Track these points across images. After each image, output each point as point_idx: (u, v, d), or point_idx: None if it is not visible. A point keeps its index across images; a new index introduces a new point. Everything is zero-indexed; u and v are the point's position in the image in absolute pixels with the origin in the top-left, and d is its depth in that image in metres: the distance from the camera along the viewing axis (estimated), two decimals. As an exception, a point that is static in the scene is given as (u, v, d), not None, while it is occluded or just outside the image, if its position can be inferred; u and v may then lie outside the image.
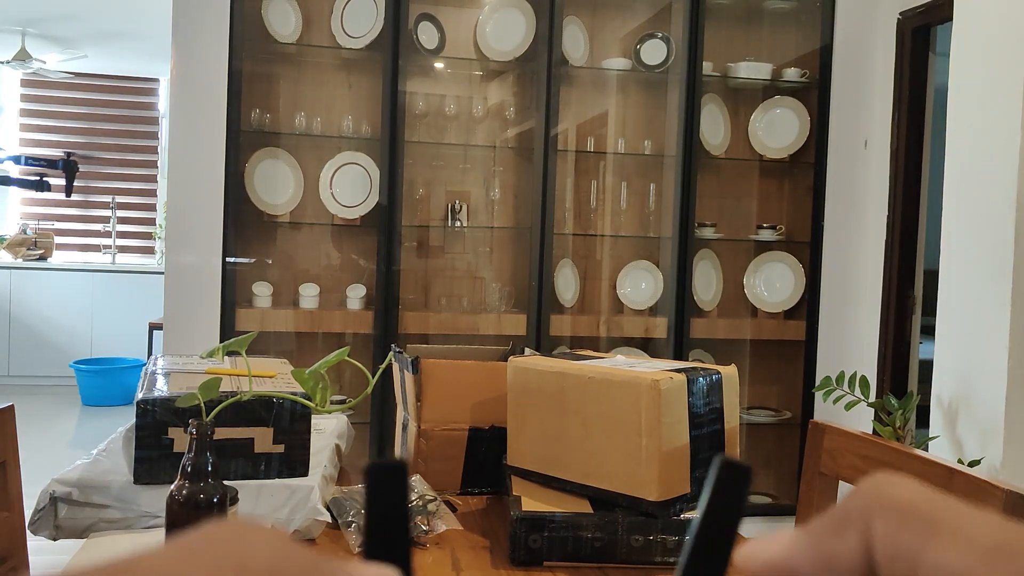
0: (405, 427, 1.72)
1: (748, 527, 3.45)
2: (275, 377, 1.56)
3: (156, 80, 7.29)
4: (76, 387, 6.23)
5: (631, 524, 1.25)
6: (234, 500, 1.16)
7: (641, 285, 3.70)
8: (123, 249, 7.24)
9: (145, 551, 0.20)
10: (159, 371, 1.59)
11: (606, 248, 3.79)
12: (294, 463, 1.42)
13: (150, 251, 7.26)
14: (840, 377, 3.08)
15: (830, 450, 1.50)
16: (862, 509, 0.25)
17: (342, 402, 3.14)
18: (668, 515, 1.25)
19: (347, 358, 1.57)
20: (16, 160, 6.67)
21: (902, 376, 3.49)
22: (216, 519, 0.23)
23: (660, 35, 3.64)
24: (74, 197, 7.26)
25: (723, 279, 3.75)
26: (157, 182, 7.32)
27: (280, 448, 1.42)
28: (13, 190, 7.09)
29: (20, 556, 1.43)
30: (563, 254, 3.65)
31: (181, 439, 1.37)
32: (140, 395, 1.40)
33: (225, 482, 1.15)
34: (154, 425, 1.37)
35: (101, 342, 6.65)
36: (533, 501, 1.31)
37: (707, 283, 3.72)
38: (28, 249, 6.74)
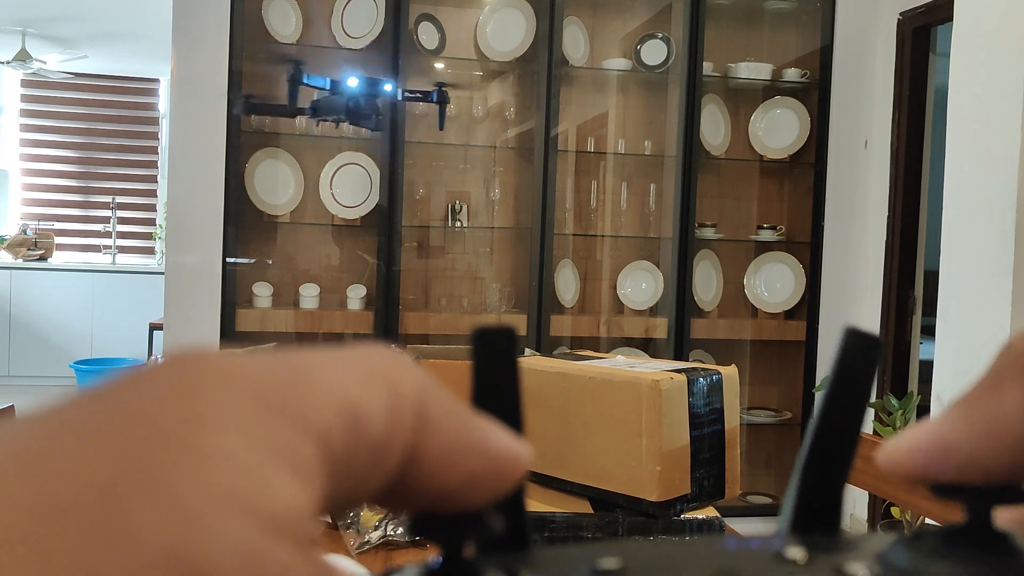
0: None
1: (748, 527, 3.43)
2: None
3: (156, 80, 7.28)
4: (76, 387, 6.22)
5: (631, 524, 1.25)
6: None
7: (641, 285, 3.70)
8: (123, 249, 7.24)
9: (294, 353, 0.18)
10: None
11: (606, 248, 3.78)
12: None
13: (150, 251, 7.25)
14: (840, 377, 3.08)
15: (830, 450, 1.50)
16: (1014, 361, 0.22)
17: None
18: (668, 515, 1.25)
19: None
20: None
21: (902, 376, 3.49)
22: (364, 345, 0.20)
23: (660, 35, 3.64)
24: (74, 197, 7.26)
25: (723, 279, 3.75)
26: (157, 182, 7.32)
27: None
28: (14, 188, 7.09)
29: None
30: (563, 254, 3.65)
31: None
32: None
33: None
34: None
35: (101, 342, 6.65)
36: (533, 501, 1.31)
37: (707, 283, 3.72)
38: (28, 249, 6.74)
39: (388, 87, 2.06)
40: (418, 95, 2.31)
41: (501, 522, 0.20)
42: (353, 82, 2.01)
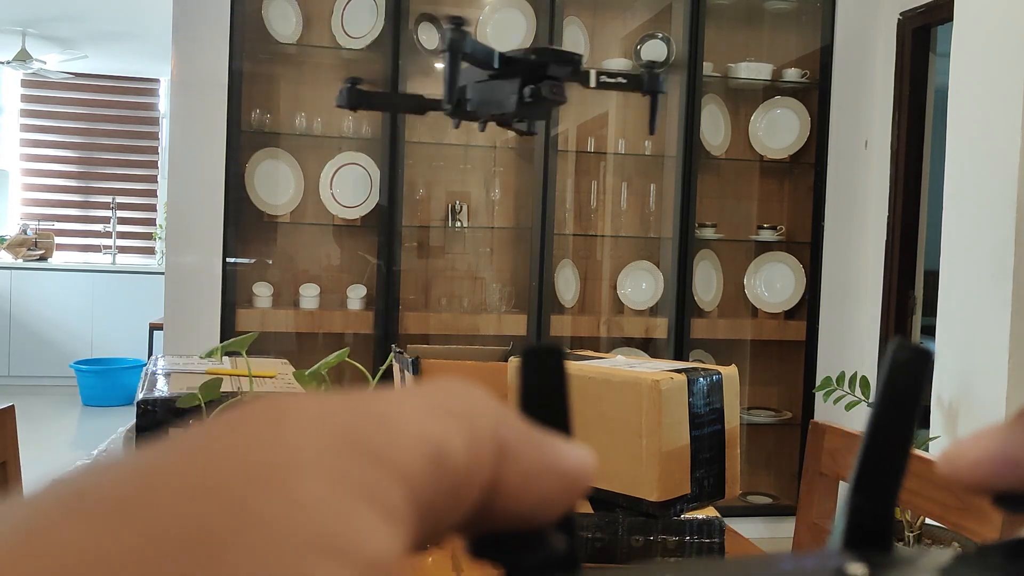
0: (405, 427, 1.71)
1: (748, 527, 3.40)
2: (275, 377, 1.56)
3: (156, 80, 7.29)
4: (76, 387, 6.23)
5: (631, 524, 1.25)
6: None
7: (641, 285, 3.70)
8: (123, 249, 7.25)
9: (374, 393, 0.19)
10: (159, 371, 1.59)
11: (606, 248, 3.79)
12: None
13: (150, 251, 7.26)
14: (840, 377, 3.08)
15: (831, 450, 1.50)
16: None
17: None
18: (668, 515, 1.25)
19: (347, 359, 1.57)
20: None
21: (902, 376, 3.48)
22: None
23: (660, 35, 3.64)
24: (74, 197, 7.26)
25: (723, 279, 3.75)
26: (157, 182, 7.32)
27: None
28: (14, 188, 7.09)
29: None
30: (563, 254, 3.65)
31: (181, 439, 1.36)
32: (141, 395, 1.40)
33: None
34: (155, 425, 1.37)
35: (101, 342, 6.66)
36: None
37: (707, 283, 3.72)
38: (28, 249, 6.74)
39: (581, 67, 1.31)
40: (620, 80, 1.42)
41: (563, 542, 0.20)
42: (535, 56, 1.25)
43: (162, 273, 3.61)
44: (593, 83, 1.39)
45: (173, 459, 0.16)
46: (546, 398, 0.22)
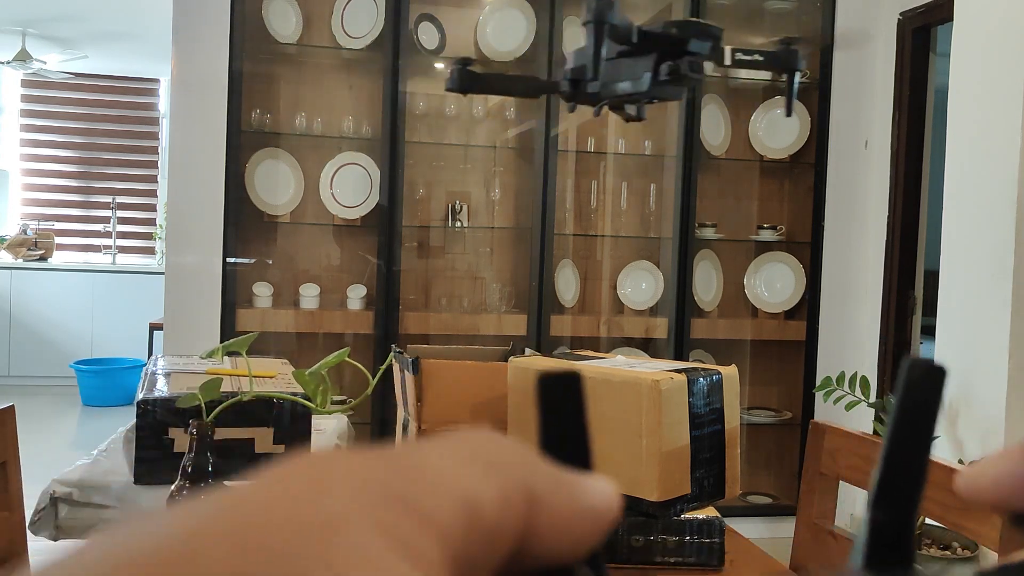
0: (405, 427, 1.72)
1: (748, 527, 3.38)
2: (275, 377, 1.56)
3: (156, 80, 7.29)
4: (76, 387, 6.23)
5: (631, 524, 1.25)
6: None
7: (641, 285, 3.70)
8: (123, 249, 7.24)
9: (407, 448, 0.20)
10: (159, 371, 1.59)
11: (606, 248, 3.78)
12: (294, 463, 1.42)
13: (150, 251, 7.26)
14: (840, 377, 3.08)
15: (831, 450, 1.50)
16: None
17: (343, 402, 3.15)
18: (669, 515, 1.25)
19: (347, 359, 1.56)
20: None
21: (902, 376, 3.48)
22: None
23: (660, 35, 3.64)
24: (74, 197, 7.26)
25: (723, 279, 3.75)
26: (157, 182, 7.32)
27: (281, 448, 1.42)
28: (14, 188, 7.09)
29: (21, 556, 1.43)
30: (563, 254, 3.65)
31: (182, 439, 1.37)
32: (140, 395, 1.40)
33: (226, 482, 1.14)
34: (154, 425, 1.37)
35: (101, 342, 6.65)
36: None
37: (707, 283, 3.72)
38: (28, 249, 6.74)
39: (709, 42, 1.19)
40: (756, 57, 1.28)
41: (591, 574, 0.21)
42: (676, 30, 1.15)
43: (162, 273, 3.61)
44: (728, 60, 1.26)
45: (218, 517, 0.17)
46: (565, 426, 0.23)
